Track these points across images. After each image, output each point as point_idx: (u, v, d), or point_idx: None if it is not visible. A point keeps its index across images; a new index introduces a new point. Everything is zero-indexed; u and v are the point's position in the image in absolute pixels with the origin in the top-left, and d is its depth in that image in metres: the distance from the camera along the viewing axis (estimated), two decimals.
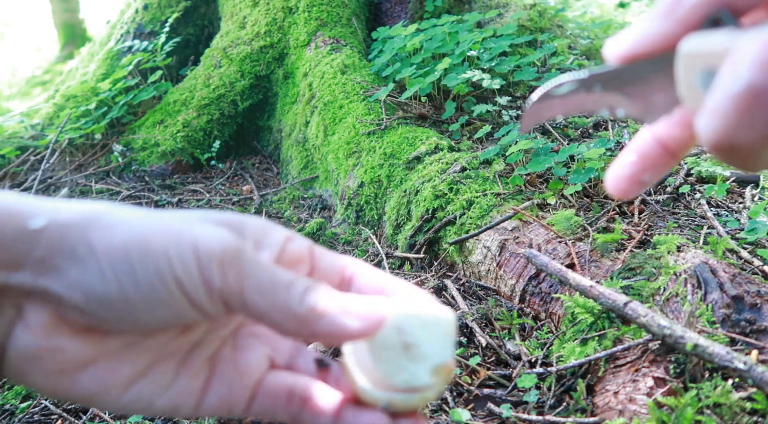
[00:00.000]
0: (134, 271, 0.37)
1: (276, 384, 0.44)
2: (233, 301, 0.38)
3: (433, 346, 0.42)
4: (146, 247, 0.37)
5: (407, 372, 0.42)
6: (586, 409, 1.06)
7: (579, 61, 2.69)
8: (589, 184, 1.75)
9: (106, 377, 0.39)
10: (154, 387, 0.41)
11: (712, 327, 1.05)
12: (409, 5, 2.91)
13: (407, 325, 0.42)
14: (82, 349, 0.38)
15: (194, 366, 0.43)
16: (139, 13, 3.36)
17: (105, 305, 0.37)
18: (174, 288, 0.37)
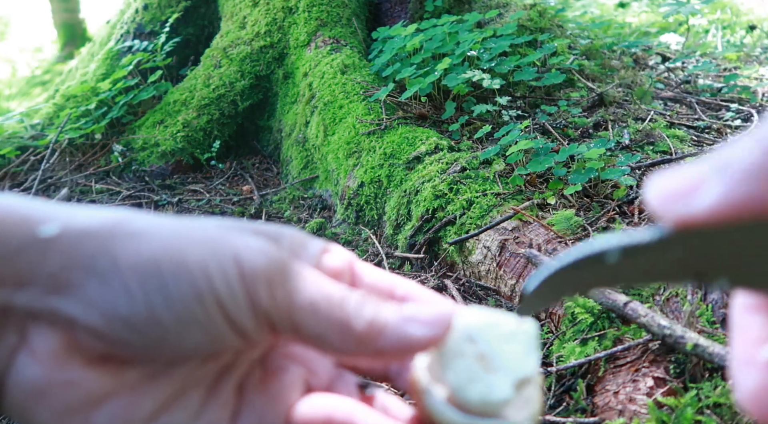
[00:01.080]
0: (167, 288, 0.31)
1: (313, 411, 0.39)
2: (281, 322, 0.34)
3: (513, 356, 0.36)
4: (181, 260, 0.32)
5: (483, 384, 0.35)
6: (586, 409, 1.06)
7: (579, 61, 2.69)
8: (589, 184, 1.75)
9: (125, 415, 0.33)
10: (180, 420, 0.35)
11: (712, 327, 1.05)
12: (409, 5, 2.91)
13: (482, 332, 0.36)
14: (98, 382, 0.33)
15: (222, 396, 0.37)
16: (139, 13, 3.36)
17: (130, 328, 0.31)
18: (214, 308, 0.32)
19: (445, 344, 0.36)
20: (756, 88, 2.85)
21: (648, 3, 5.60)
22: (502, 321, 0.37)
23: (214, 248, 0.33)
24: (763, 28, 4.51)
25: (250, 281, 0.33)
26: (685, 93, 2.84)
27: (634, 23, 4.96)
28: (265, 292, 0.33)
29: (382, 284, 0.42)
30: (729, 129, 2.38)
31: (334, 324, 0.34)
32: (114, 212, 0.34)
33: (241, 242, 0.34)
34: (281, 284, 0.34)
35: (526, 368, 0.36)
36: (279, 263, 0.34)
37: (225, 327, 0.33)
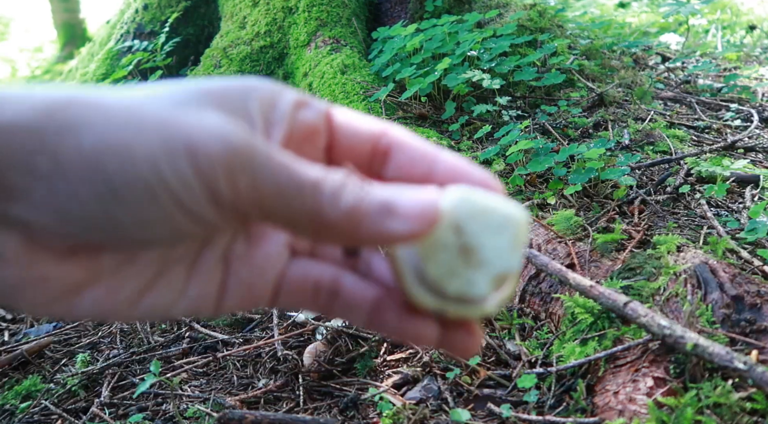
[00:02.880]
0: (116, 188, 0.29)
1: (299, 277, 0.38)
2: (248, 213, 0.32)
3: (497, 251, 0.35)
4: (127, 155, 0.29)
5: (463, 279, 0.35)
6: (586, 409, 1.06)
7: (579, 61, 2.69)
8: (589, 184, 1.75)
9: (108, 298, 0.33)
10: (166, 297, 0.35)
11: (712, 327, 1.05)
12: (409, 5, 2.91)
13: (468, 224, 0.34)
14: (72, 274, 0.32)
15: (206, 269, 0.36)
16: (139, 13, 3.36)
17: (86, 227, 0.30)
18: (170, 206, 0.30)
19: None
20: (756, 88, 2.85)
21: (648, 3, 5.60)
22: (494, 209, 0.35)
23: (163, 136, 0.29)
24: (763, 28, 4.51)
25: (207, 172, 0.30)
26: (685, 93, 2.84)
27: (634, 23, 4.96)
28: (225, 183, 0.30)
29: (363, 137, 0.38)
30: (729, 129, 2.38)
31: (305, 214, 0.32)
32: (48, 94, 0.30)
33: (195, 126, 0.30)
34: (243, 172, 0.30)
35: (509, 264, 0.35)
36: (239, 148, 0.30)
37: (187, 221, 0.31)
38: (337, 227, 0.32)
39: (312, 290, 0.38)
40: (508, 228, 0.35)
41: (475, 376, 1.21)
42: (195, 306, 0.36)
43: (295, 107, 0.35)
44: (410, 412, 1.10)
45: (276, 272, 0.38)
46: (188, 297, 0.36)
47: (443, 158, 0.37)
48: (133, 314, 0.34)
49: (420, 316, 0.37)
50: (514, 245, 0.35)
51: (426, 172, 0.37)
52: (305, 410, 1.19)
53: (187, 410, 1.23)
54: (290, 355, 1.33)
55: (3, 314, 1.84)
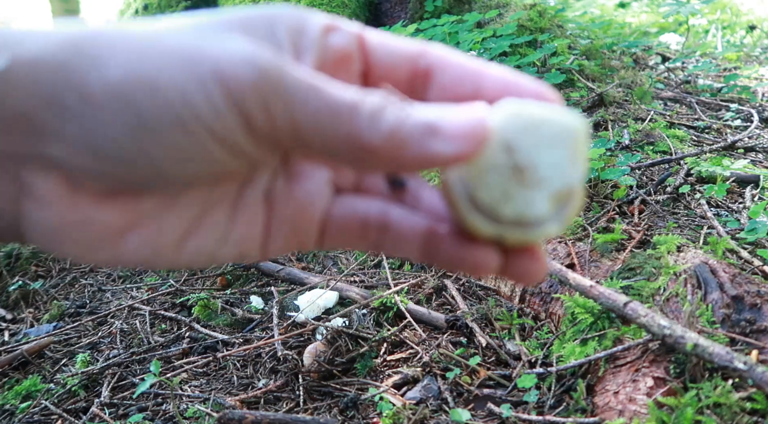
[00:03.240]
0: (146, 120, 0.28)
1: (345, 214, 0.36)
2: (284, 141, 0.30)
3: (554, 166, 0.32)
4: (153, 85, 0.28)
5: (519, 201, 0.32)
6: (586, 409, 1.06)
7: (579, 61, 2.69)
8: (589, 184, 1.75)
9: (151, 242, 0.32)
10: (210, 240, 0.34)
11: (712, 327, 1.05)
12: (409, 5, 2.91)
13: (519, 140, 0.32)
14: (114, 216, 0.31)
15: (248, 210, 0.35)
16: (139, 13, 3.36)
17: (122, 164, 0.29)
18: (204, 136, 0.29)
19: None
20: (756, 88, 2.85)
21: (648, 3, 5.60)
22: (547, 120, 0.32)
23: (190, 63, 0.28)
24: (763, 28, 4.51)
25: (238, 97, 0.28)
26: (685, 93, 2.84)
27: (634, 23, 4.96)
28: (258, 110, 0.29)
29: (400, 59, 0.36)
30: (729, 129, 2.38)
31: (342, 139, 0.30)
32: (69, 29, 0.29)
33: (222, 52, 0.29)
34: (275, 95, 0.29)
35: (569, 179, 0.32)
36: (270, 72, 0.29)
37: (223, 153, 0.30)
38: (378, 152, 0.30)
39: (360, 227, 0.36)
40: (564, 140, 0.32)
41: (475, 376, 1.21)
42: (241, 249, 0.35)
43: (324, 32, 0.33)
44: (410, 412, 1.10)
45: (320, 210, 0.36)
46: (233, 239, 0.35)
47: (491, 73, 0.35)
48: (179, 258, 0.34)
49: (478, 244, 0.34)
50: (573, 157, 0.32)
51: (473, 91, 0.35)
52: (305, 410, 1.19)
53: (187, 410, 1.23)
54: (290, 355, 1.33)
55: (3, 314, 1.84)
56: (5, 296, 1.93)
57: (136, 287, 1.92)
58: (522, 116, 0.32)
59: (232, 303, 1.69)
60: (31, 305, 1.89)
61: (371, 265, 1.81)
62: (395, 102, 0.31)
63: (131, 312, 1.72)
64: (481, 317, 1.39)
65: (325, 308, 1.55)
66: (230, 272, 1.87)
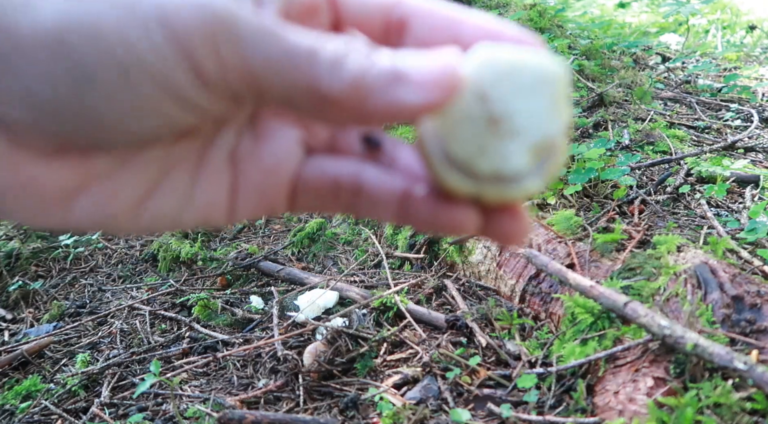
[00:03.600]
0: (85, 67, 0.25)
1: (316, 176, 0.34)
2: (240, 88, 0.27)
3: (532, 115, 0.29)
4: (92, 28, 0.25)
5: (496, 154, 0.29)
6: (586, 409, 1.06)
7: (579, 61, 2.69)
8: (589, 184, 1.75)
9: (107, 203, 0.30)
10: (172, 203, 0.32)
11: (712, 327, 1.05)
12: None
13: (494, 88, 0.29)
14: (63, 175, 0.28)
15: (212, 171, 0.33)
16: None
17: (63, 117, 0.26)
18: (149, 85, 0.26)
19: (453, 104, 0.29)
20: (756, 88, 2.85)
21: (648, 3, 5.60)
22: (524, 66, 0.29)
23: (133, 6, 0.25)
24: (763, 28, 4.51)
25: (185, 43, 0.26)
26: (685, 93, 2.84)
27: (634, 23, 4.96)
28: (208, 54, 0.26)
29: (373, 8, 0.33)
30: (729, 129, 2.38)
31: (301, 88, 0.27)
32: None
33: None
34: (226, 40, 0.26)
35: (548, 128, 0.29)
36: (218, 13, 0.26)
37: (172, 106, 0.27)
38: (341, 102, 0.28)
39: (332, 189, 0.34)
40: (544, 87, 0.29)
41: (475, 376, 1.21)
42: (205, 213, 0.33)
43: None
44: (410, 412, 1.10)
45: (289, 171, 0.34)
46: (196, 203, 0.32)
47: (470, 21, 0.32)
48: (138, 222, 0.31)
49: (456, 203, 0.32)
50: (554, 105, 0.29)
51: (452, 38, 0.32)
52: (305, 410, 1.19)
53: (187, 410, 1.23)
54: (290, 355, 1.33)
55: (3, 314, 1.84)
56: (5, 296, 1.93)
57: (136, 287, 1.92)
58: (497, 62, 0.29)
59: (232, 303, 1.69)
60: (31, 305, 1.89)
61: (371, 265, 1.81)
62: (359, 48, 0.28)
63: (131, 312, 1.72)
64: (481, 317, 1.40)
65: (325, 308, 1.55)
66: (230, 272, 1.87)
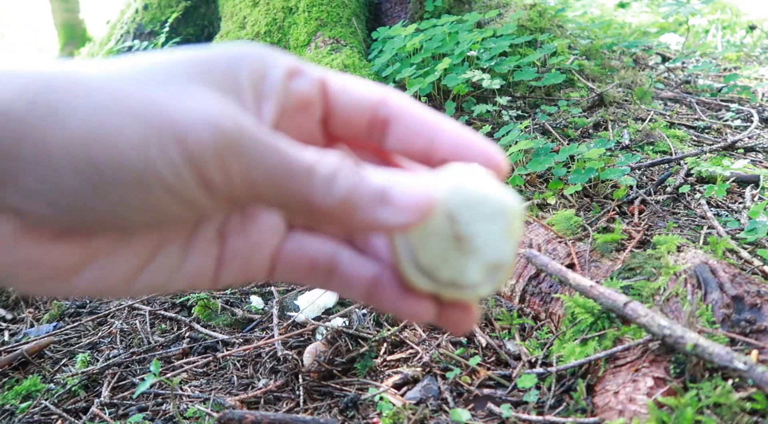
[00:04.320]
0: (104, 176, 0.28)
1: (295, 253, 0.38)
2: (242, 196, 0.31)
3: (490, 239, 0.35)
4: (113, 144, 0.28)
5: (455, 267, 0.35)
6: (586, 409, 1.06)
7: (579, 61, 2.69)
8: (589, 184, 1.75)
9: (104, 277, 0.33)
10: (163, 273, 0.35)
11: (712, 327, 1.05)
12: (409, 5, 2.91)
13: (461, 212, 0.34)
14: (67, 255, 0.32)
15: (202, 245, 0.36)
16: (139, 13, 3.36)
17: (78, 212, 0.29)
18: (161, 193, 0.29)
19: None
20: (756, 88, 2.85)
21: (648, 3, 5.60)
22: (487, 197, 0.35)
23: (150, 123, 0.28)
24: (763, 28, 4.51)
25: (198, 159, 0.29)
26: (685, 93, 2.84)
27: (634, 23, 4.96)
28: (216, 170, 0.29)
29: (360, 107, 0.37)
30: (729, 129, 2.38)
31: (298, 201, 0.31)
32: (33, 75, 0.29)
33: (183, 112, 0.29)
34: (234, 157, 0.29)
35: (501, 253, 0.35)
36: (228, 132, 0.29)
37: (179, 206, 0.31)
38: (331, 215, 0.32)
39: (308, 266, 0.38)
40: (501, 217, 0.35)
41: (475, 376, 1.21)
42: (192, 281, 0.36)
43: (287, 77, 0.34)
44: (410, 412, 1.10)
45: (272, 246, 0.38)
46: (185, 273, 0.36)
47: (445, 130, 0.37)
48: (130, 290, 0.35)
49: (416, 296, 0.37)
50: (508, 233, 0.35)
51: (427, 144, 0.37)
52: (305, 410, 1.19)
53: (187, 410, 1.23)
54: (290, 355, 1.33)
55: (3, 314, 1.84)
56: (5, 296, 1.93)
57: None
58: (465, 191, 0.34)
59: (232, 303, 1.69)
60: (31, 305, 1.89)
61: None
62: (349, 166, 0.32)
63: (131, 312, 1.72)
64: (481, 317, 1.40)
65: (325, 307, 1.55)
66: None
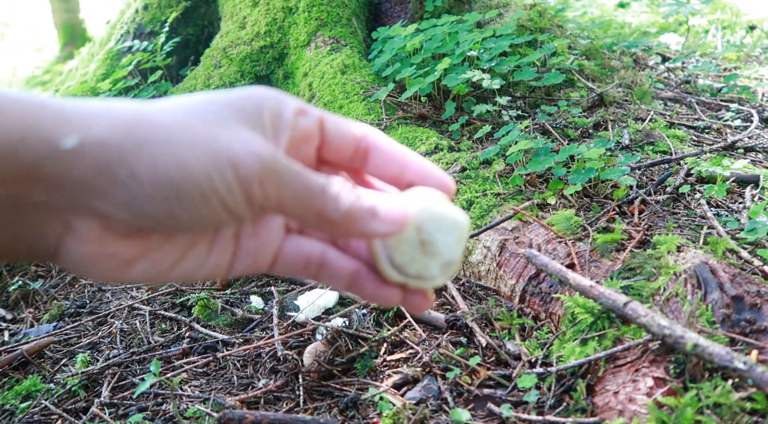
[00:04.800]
0: (181, 195, 0.39)
1: (294, 251, 0.50)
2: (271, 209, 0.43)
3: (446, 245, 0.49)
4: (188, 172, 0.39)
5: (420, 264, 0.49)
6: (586, 409, 1.06)
7: (579, 61, 2.69)
8: (589, 184, 1.75)
9: (153, 268, 0.44)
10: (192, 266, 0.46)
11: (712, 327, 1.05)
12: (409, 5, 2.91)
13: (427, 225, 0.48)
14: (130, 250, 0.43)
15: (222, 245, 0.47)
16: (139, 13, 3.36)
17: (152, 221, 0.40)
18: (218, 207, 0.41)
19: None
20: (756, 88, 2.85)
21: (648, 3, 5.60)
22: (445, 215, 0.49)
23: (214, 156, 0.40)
24: (763, 28, 4.51)
25: (246, 183, 0.41)
26: (685, 93, 2.84)
27: (634, 23, 4.96)
28: (258, 190, 0.41)
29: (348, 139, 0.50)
30: (729, 129, 2.38)
31: (313, 213, 0.44)
32: (121, 112, 0.40)
33: (235, 145, 0.41)
34: (271, 182, 0.42)
35: (453, 255, 0.50)
36: (267, 161, 0.41)
37: (226, 216, 0.42)
38: (337, 224, 0.44)
39: (304, 262, 0.50)
40: (455, 229, 0.49)
41: (475, 376, 1.21)
42: (212, 271, 0.47)
43: (295, 115, 0.46)
44: (410, 412, 1.10)
45: (275, 246, 0.50)
46: (208, 264, 0.47)
47: (411, 161, 0.51)
48: (167, 277, 0.46)
49: (388, 285, 0.50)
50: (459, 241, 0.50)
51: (398, 171, 0.51)
52: (305, 410, 1.19)
53: (187, 410, 1.23)
54: (290, 355, 1.33)
55: (3, 314, 1.84)
56: (5, 296, 1.93)
57: (136, 286, 1.92)
58: (430, 209, 0.49)
59: (232, 303, 1.69)
60: (31, 305, 1.89)
61: None
62: (350, 188, 0.45)
63: (131, 312, 1.72)
64: (481, 317, 1.40)
65: (325, 307, 1.55)
66: None
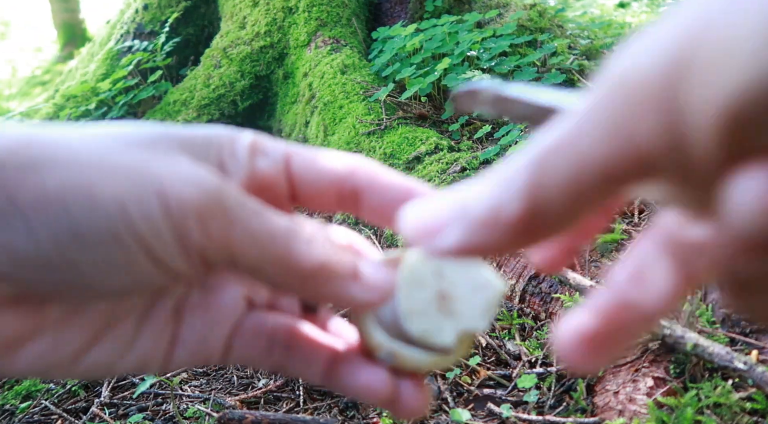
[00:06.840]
0: (77, 227, 0.27)
1: (254, 328, 0.36)
2: (217, 257, 0.30)
3: (470, 307, 0.34)
4: (91, 195, 0.27)
5: (431, 322, 0.33)
6: (586, 409, 1.06)
7: (579, 61, 2.69)
8: None
9: (48, 354, 0.31)
10: (110, 354, 0.32)
11: (712, 327, 1.05)
12: (409, 5, 2.91)
13: (452, 272, 0.33)
14: (15, 324, 0.29)
15: (157, 322, 0.34)
16: (139, 13, 3.36)
17: (40, 270, 0.28)
18: (135, 248, 0.28)
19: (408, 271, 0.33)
20: None
21: (648, 3, 5.60)
22: (476, 267, 0.34)
23: (133, 179, 0.28)
24: None
25: (178, 216, 0.28)
26: None
27: (634, 23, 4.96)
28: (196, 228, 0.29)
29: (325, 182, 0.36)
30: None
31: (273, 260, 0.31)
32: (11, 132, 0.29)
33: (166, 171, 0.29)
34: (216, 217, 0.29)
35: (477, 323, 0.34)
36: (211, 193, 0.29)
37: (151, 267, 0.29)
38: (305, 278, 0.31)
39: (266, 343, 0.36)
40: (485, 290, 0.34)
41: (475, 376, 1.21)
42: (141, 363, 0.34)
43: (251, 153, 0.34)
44: None
45: (230, 323, 0.36)
46: (134, 353, 0.33)
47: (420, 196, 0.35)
48: (73, 371, 0.32)
49: (372, 364, 0.35)
50: (487, 307, 0.34)
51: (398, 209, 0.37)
52: (305, 410, 1.19)
53: (187, 410, 1.23)
54: None
55: None
56: None
57: None
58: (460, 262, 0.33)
59: None
60: None
61: None
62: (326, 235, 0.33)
63: None
64: None
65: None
66: None
